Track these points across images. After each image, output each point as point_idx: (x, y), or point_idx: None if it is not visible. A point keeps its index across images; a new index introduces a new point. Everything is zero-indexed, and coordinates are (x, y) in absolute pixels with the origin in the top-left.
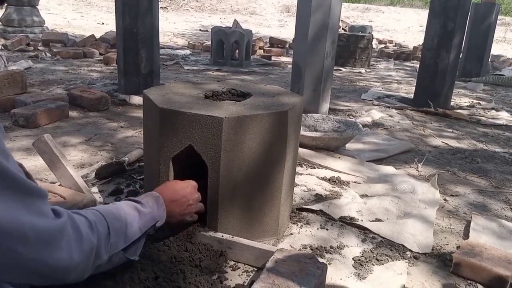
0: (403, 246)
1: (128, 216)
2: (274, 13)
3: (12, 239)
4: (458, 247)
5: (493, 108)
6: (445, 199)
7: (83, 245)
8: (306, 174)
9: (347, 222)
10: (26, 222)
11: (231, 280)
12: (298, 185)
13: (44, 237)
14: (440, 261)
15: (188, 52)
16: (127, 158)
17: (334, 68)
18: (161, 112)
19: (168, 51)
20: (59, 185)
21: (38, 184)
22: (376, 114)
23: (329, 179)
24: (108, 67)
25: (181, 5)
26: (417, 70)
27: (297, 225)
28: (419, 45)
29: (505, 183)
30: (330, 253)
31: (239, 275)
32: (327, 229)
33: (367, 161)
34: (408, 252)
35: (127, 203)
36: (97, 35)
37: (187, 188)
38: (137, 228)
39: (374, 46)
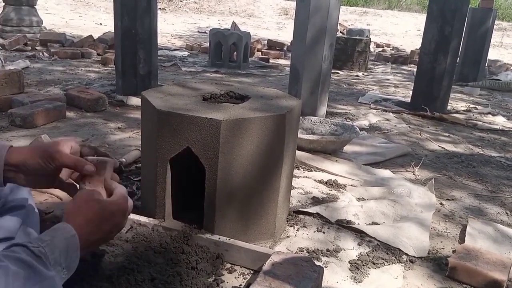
0: (399, 249)
1: (13, 278)
2: (273, 16)
3: None
4: (454, 251)
5: (489, 113)
6: (441, 203)
7: None
8: (303, 177)
9: (344, 225)
10: None
11: (227, 282)
12: (295, 188)
13: None
14: (436, 265)
15: (186, 53)
16: (124, 160)
17: (332, 71)
18: (159, 114)
19: (166, 52)
20: None
21: None
22: (373, 117)
23: (326, 182)
24: (105, 68)
25: (180, 7)
26: (414, 74)
27: (294, 228)
28: (417, 49)
29: (501, 187)
30: (327, 256)
31: (235, 277)
32: (323, 232)
33: (364, 165)
34: (404, 256)
35: (20, 257)
36: (95, 36)
37: (123, 207)
38: None
39: (371, 49)
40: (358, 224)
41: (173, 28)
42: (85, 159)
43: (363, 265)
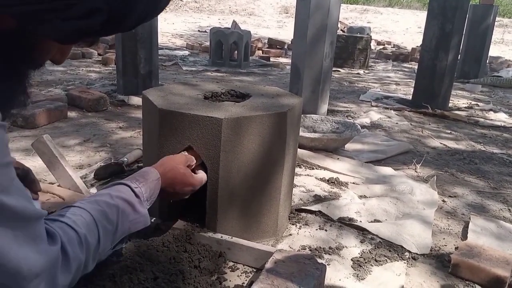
0: (402, 247)
1: (122, 215)
2: (273, 14)
3: (3, 273)
4: (456, 248)
5: (491, 110)
6: (443, 200)
7: (70, 268)
8: (305, 175)
9: (346, 223)
10: (20, 257)
11: (230, 281)
12: (297, 186)
13: (36, 271)
14: (438, 262)
15: (186, 52)
16: (126, 159)
17: (333, 69)
18: (161, 113)
19: (167, 51)
20: (58, 186)
21: (33, 205)
22: (375, 115)
23: (328, 180)
24: (106, 68)
25: (180, 6)
26: (415, 71)
27: (296, 226)
28: (418, 46)
29: (503, 184)
30: (329, 254)
31: (238, 276)
32: (326, 230)
33: (365, 162)
34: (406, 253)
35: (125, 197)
36: None
37: (195, 183)
38: (127, 228)
39: (372, 47)
40: (360, 221)
41: (173, 27)
42: None
43: (365, 262)
